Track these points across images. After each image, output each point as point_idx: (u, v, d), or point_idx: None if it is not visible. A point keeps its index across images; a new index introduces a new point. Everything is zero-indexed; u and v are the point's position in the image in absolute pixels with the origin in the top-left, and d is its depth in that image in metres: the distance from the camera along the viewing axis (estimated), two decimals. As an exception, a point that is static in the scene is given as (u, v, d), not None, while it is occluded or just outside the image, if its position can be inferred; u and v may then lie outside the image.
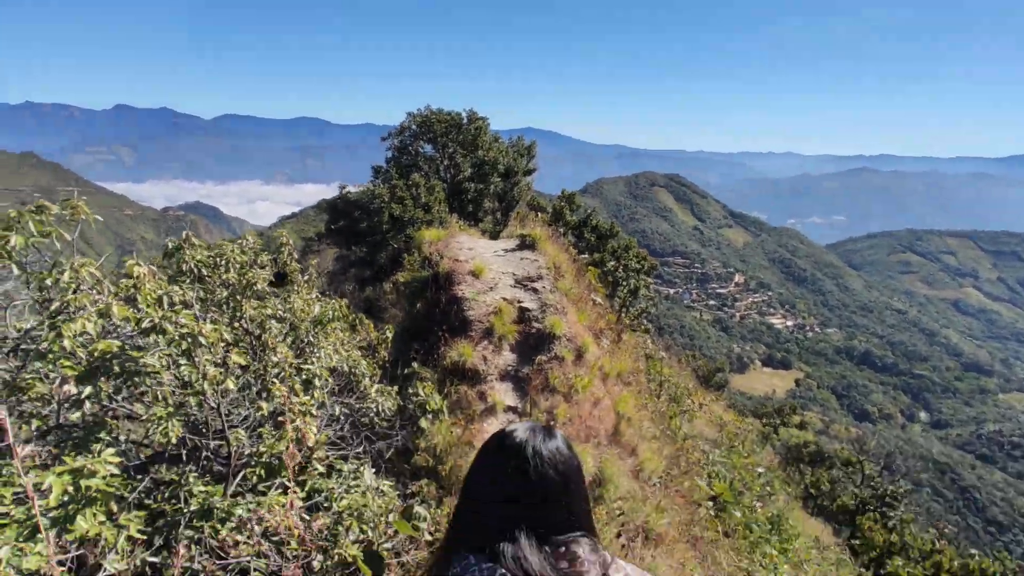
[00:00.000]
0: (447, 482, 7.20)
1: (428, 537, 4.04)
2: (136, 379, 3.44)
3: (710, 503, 10.33)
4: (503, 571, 1.29)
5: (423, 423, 7.98)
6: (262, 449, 3.71)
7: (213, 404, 3.80)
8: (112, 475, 2.77)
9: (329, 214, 23.61)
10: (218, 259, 5.92)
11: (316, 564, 3.31)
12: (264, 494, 4.17)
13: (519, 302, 10.20)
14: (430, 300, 10.51)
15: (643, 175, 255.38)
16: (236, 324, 5.44)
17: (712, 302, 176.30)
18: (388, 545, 4.61)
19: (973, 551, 9.36)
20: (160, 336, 3.48)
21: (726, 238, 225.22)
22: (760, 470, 15.60)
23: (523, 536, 1.33)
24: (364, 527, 4.21)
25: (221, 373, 3.70)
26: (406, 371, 9.11)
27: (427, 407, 8.22)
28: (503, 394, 8.82)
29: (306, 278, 6.99)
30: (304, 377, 4.30)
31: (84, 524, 2.74)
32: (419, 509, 3.99)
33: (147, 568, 3.89)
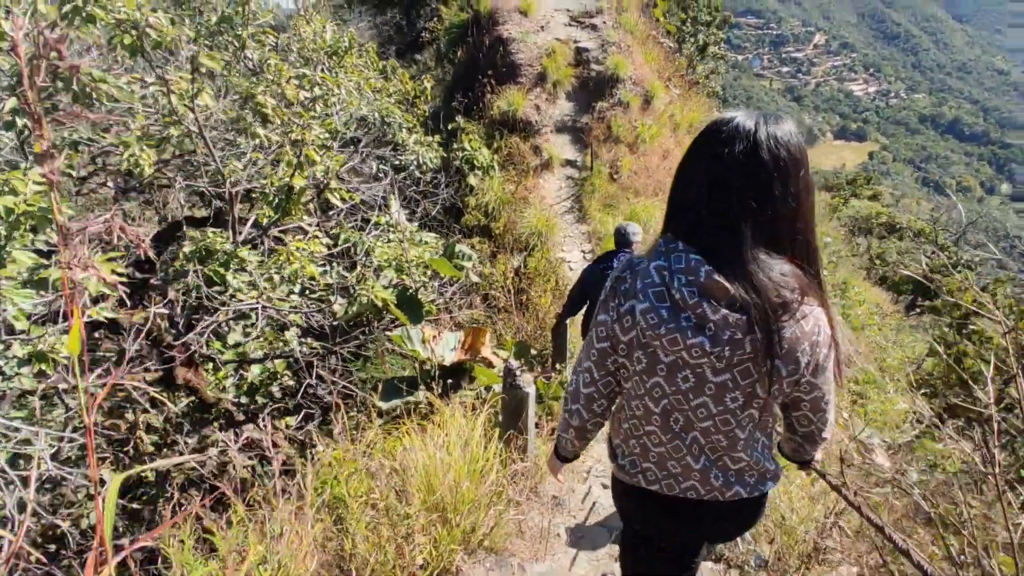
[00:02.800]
0: (501, 240, 6.59)
1: (476, 279, 3.38)
2: (74, 88, 2.59)
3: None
4: (708, 268, 1.14)
5: (472, 179, 7.17)
6: (262, 181, 2.93)
7: (194, 128, 2.97)
8: (36, 193, 2.04)
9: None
10: (202, -25, 4.70)
11: (338, 308, 2.69)
12: (283, 242, 3.54)
13: (575, 42, 8.61)
14: (472, 45, 9.02)
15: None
16: (238, 61, 4.42)
17: (785, 68, 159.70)
18: (432, 296, 4.06)
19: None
20: (90, 25, 2.53)
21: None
22: (828, 239, 14.78)
23: (746, 224, 1.14)
24: (401, 275, 3.59)
25: (190, 83, 2.80)
26: (450, 126, 8.09)
27: (475, 162, 7.34)
28: (560, 147, 7.77)
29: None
30: (308, 95, 3.34)
31: (21, 257, 2.10)
32: (462, 247, 3.28)
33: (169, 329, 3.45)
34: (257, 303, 2.68)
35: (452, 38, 9.97)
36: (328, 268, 4.15)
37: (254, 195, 3.34)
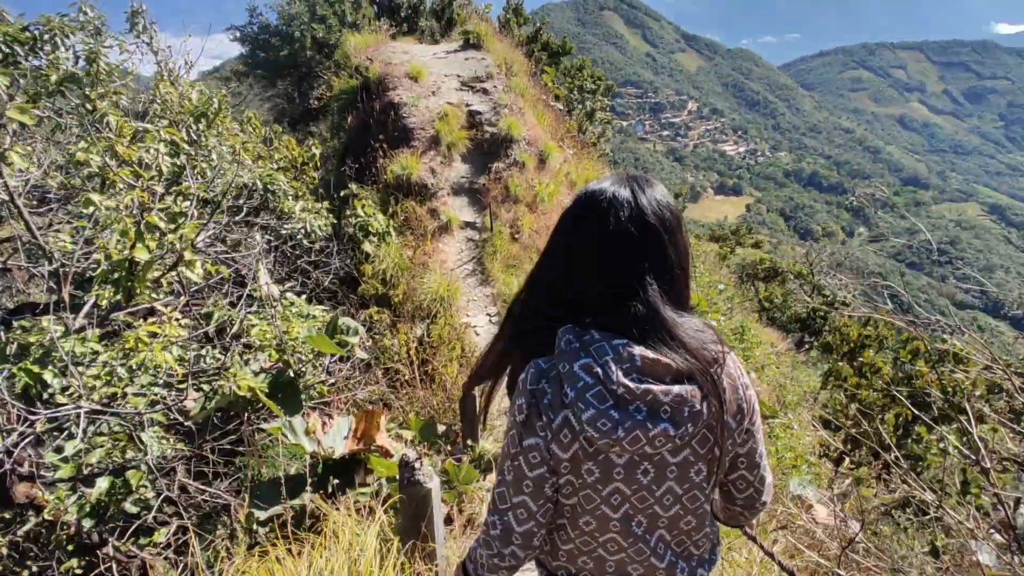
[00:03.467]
0: (401, 308, 6.18)
1: (363, 354, 2.97)
2: None
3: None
4: (639, 349, 1.05)
5: (367, 246, 6.78)
6: (96, 256, 2.43)
7: (3, 195, 2.43)
8: None
9: (244, 47, 20.17)
10: (43, 34, 4.20)
11: (191, 404, 2.20)
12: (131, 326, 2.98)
13: (467, 105, 8.62)
14: (363, 110, 8.81)
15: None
16: (88, 124, 3.89)
17: (665, 132, 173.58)
18: (323, 376, 3.59)
19: (945, 336, 9.09)
20: None
21: (679, 64, 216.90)
22: (721, 287, 15.62)
23: (653, 291, 1.09)
24: (283, 355, 3.12)
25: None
26: (342, 192, 7.72)
27: (370, 228, 6.97)
28: (458, 209, 7.59)
29: (182, 68, 5.27)
30: (170, 160, 2.88)
31: None
32: (346, 320, 2.87)
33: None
34: (77, 407, 2.13)
35: (342, 104, 9.74)
36: (204, 352, 3.59)
37: (93, 274, 2.80)
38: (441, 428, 4.17)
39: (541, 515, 1.16)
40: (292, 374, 2.76)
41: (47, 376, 2.27)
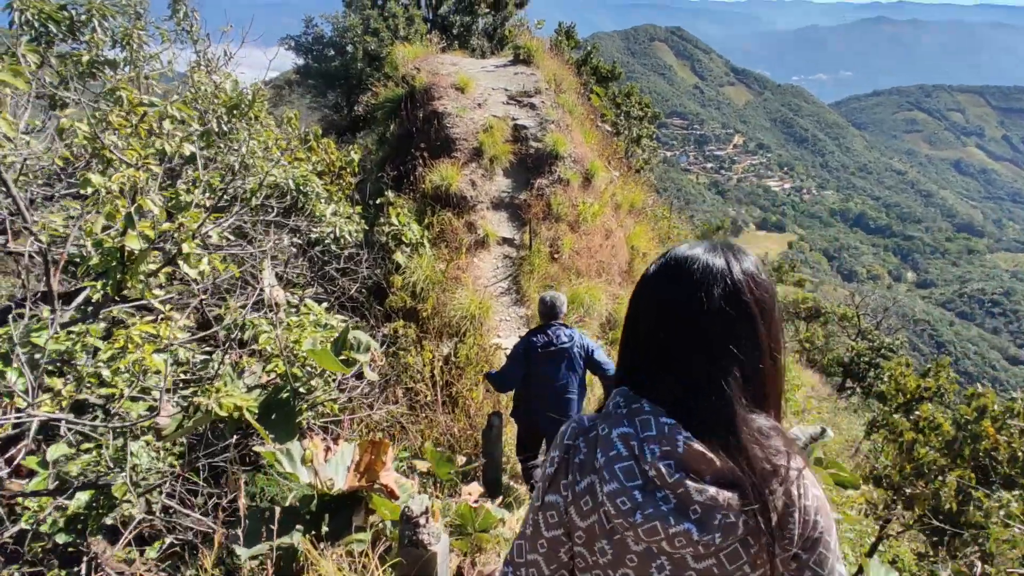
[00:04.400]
0: (429, 324, 5.84)
1: (373, 375, 2.60)
2: None
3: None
4: (686, 435, 0.94)
5: (399, 256, 6.49)
6: (83, 242, 2.14)
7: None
8: None
9: (298, 56, 20.59)
10: (81, 15, 4.05)
11: (164, 420, 1.86)
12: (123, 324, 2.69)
13: (513, 119, 8.33)
14: (406, 118, 8.61)
15: (643, 28, 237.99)
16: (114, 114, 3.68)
17: (709, 165, 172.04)
18: (335, 393, 3.24)
19: (1014, 394, 8.33)
20: None
21: (727, 97, 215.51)
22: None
23: (735, 383, 0.96)
24: (290, 367, 2.78)
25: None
26: (378, 200, 7.48)
27: (403, 238, 6.69)
28: (496, 224, 7.25)
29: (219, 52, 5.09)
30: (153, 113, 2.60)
31: None
32: (358, 334, 2.52)
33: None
34: (29, 415, 1.81)
35: (387, 112, 9.59)
36: (212, 359, 3.30)
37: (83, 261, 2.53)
38: (461, 460, 3.78)
39: None
40: (291, 392, 2.41)
41: (10, 374, 1.97)
